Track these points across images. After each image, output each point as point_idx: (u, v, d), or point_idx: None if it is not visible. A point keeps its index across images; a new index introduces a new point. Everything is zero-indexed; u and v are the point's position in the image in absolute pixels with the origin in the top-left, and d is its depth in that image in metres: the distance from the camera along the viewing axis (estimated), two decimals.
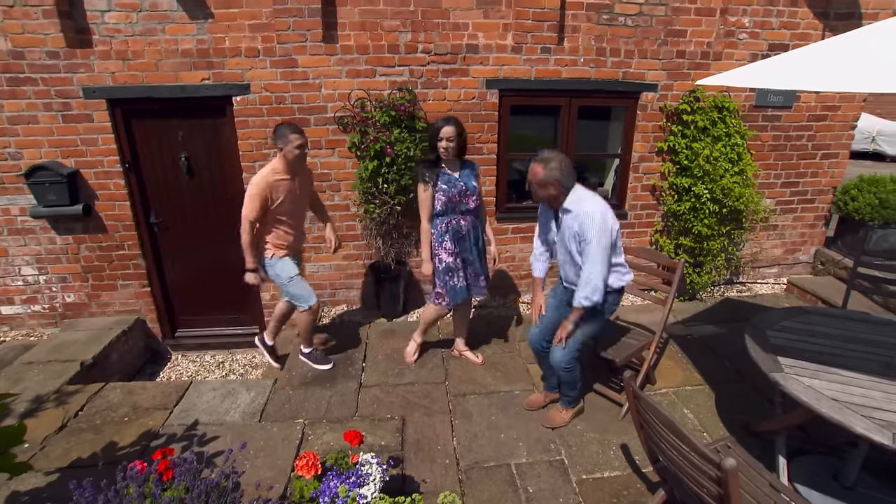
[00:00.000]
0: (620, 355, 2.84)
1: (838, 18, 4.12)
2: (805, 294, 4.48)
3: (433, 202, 2.99)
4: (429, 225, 3.05)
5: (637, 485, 2.48)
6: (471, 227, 3.11)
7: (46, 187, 3.70)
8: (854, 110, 4.44)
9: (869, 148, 11.08)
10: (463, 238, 3.09)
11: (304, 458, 1.99)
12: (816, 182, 4.63)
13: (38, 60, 3.57)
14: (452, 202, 2.99)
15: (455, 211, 3.03)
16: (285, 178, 3.05)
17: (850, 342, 2.42)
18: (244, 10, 3.67)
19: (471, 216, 3.10)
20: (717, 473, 1.47)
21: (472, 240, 3.14)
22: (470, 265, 3.16)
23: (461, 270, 3.13)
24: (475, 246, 3.16)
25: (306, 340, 3.47)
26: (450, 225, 3.05)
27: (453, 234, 3.05)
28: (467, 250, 3.13)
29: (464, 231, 3.08)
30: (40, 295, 4.18)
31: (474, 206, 3.09)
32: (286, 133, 2.96)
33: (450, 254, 3.07)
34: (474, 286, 3.23)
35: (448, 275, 3.11)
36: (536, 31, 3.86)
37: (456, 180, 3.00)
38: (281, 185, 3.03)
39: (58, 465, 2.58)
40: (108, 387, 3.30)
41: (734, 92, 4.16)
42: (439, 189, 2.97)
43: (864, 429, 1.82)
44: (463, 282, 3.15)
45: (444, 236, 3.05)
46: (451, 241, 3.06)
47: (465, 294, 3.18)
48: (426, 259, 3.10)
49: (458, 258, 3.09)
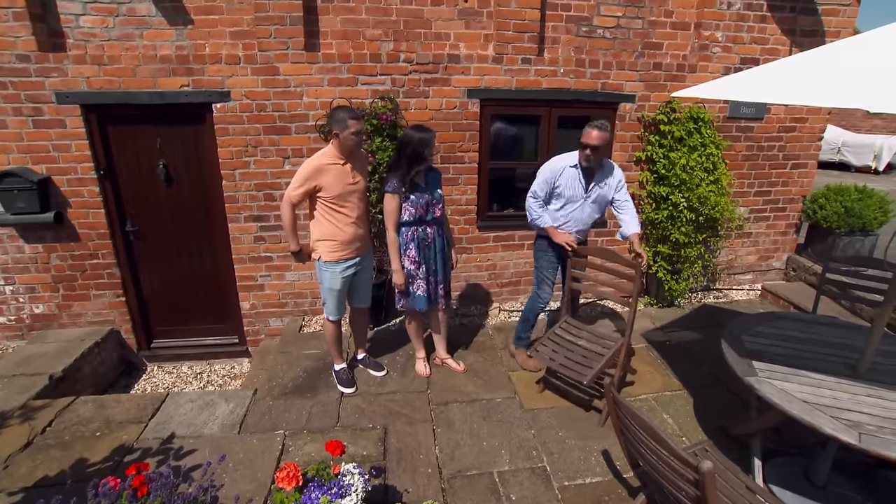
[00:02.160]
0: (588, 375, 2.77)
1: (804, 35, 4.31)
2: (778, 300, 4.61)
3: (400, 212, 2.96)
4: (395, 234, 3.01)
5: (618, 490, 2.51)
6: (436, 235, 3.09)
7: (15, 194, 3.59)
8: (821, 122, 4.62)
9: (835, 158, 11.53)
10: (428, 246, 3.08)
11: (284, 470, 1.96)
12: (787, 191, 4.80)
13: (7, 64, 3.47)
14: (419, 212, 2.97)
15: (422, 221, 3.01)
16: (337, 162, 2.84)
17: (820, 346, 2.51)
18: (225, 17, 3.64)
19: (436, 224, 3.09)
20: (695, 476, 1.50)
21: (437, 248, 3.12)
22: (433, 274, 3.14)
23: (422, 280, 3.11)
24: (439, 254, 3.14)
25: (333, 356, 3.33)
26: (416, 234, 3.02)
27: (419, 242, 3.04)
28: (431, 258, 3.11)
29: (429, 239, 3.07)
30: (6, 306, 4.03)
31: (440, 215, 3.09)
32: (344, 117, 2.74)
33: (412, 262, 3.05)
34: (434, 294, 3.19)
35: (409, 280, 3.10)
36: (517, 42, 3.93)
37: (424, 190, 2.99)
38: (332, 169, 2.82)
39: (22, 485, 2.47)
40: (78, 401, 3.19)
41: (708, 103, 4.30)
42: (409, 200, 2.95)
43: (832, 429, 1.88)
44: (424, 290, 3.12)
45: (408, 244, 3.03)
46: (416, 250, 3.04)
47: (424, 302, 3.15)
48: (396, 269, 3.04)
49: (420, 266, 3.08)
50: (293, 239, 2.96)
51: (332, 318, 3.16)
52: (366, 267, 3.20)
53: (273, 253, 4.15)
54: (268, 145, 3.89)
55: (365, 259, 3.16)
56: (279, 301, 4.31)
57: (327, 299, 3.10)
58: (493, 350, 3.78)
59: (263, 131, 3.85)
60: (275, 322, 4.36)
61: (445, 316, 3.40)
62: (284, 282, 4.25)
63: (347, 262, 3.01)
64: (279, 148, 3.90)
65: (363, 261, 3.14)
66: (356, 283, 3.19)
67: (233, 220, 4.03)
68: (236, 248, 4.11)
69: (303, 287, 4.29)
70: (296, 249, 3.00)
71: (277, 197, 4.00)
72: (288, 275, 4.23)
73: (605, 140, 2.90)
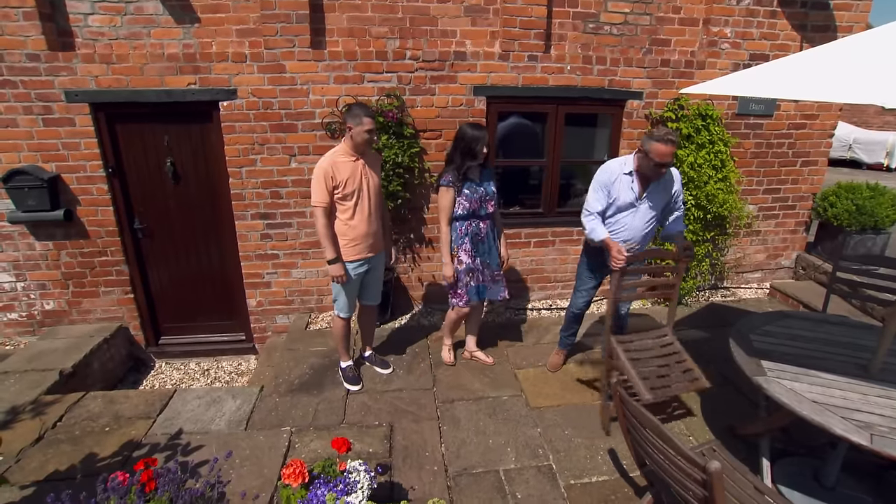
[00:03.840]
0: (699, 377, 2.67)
1: (815, 31, 4.25)
2: (787, 298, 4.57)
3: (454, 206, 3.04)
4: (448, 228, 3.09)
5: (624, 489, 2.50)
6: (489, 230, 3.16)
7: (25, 192, 3.62)
8: (832, 119, 4.56)
9: (846, 156, 11.39)
10: (482, 241, 3.15)
11: (290, 467, 1.97)
12: (797, 189, 4.74)
13: (17, 63, 3.51)
14: (473, 207, 3.04)
15: (475, 215, 3.08)
16: (350, 158, 2.85)
17: (830, 345, 2.48)
18: (231, 15, 3.65)
19: (489, 220, 3.15)
20: (703, 476, 1.48)
21: (490, 242, 3.19)
22: (487, 267, 3.21)
23: (480, 272, 3.18)
24: (492, 249, 3.21)
25: (340, 353, 3.36)
26: (469, 228, 3.10)
27: (472, 237, 3.11)
28: (485, 253, 3.18)
29: (482, 234, 3.14)
30: (17, 303, 4.08)
31: (493, 210, 3.14)
32: (360, 114, 2.76)
33: (469, 255, 3.13)
34: (492, 288, 3.26)
35: (469, 275, 3.16)
36: (523, 39, 3.91)
37: (478, 186, 3.06)
38: (345, 166, 2.83)
39: (34, 479, 2.50)
40: (88, 396, 3.23)
41: (717, 100, 4.25)
42: (462, 194, 3.02)
43: (842, 430, 1.86)
44: (477, 282, 3.20)
45: (463, 239, 3.11)
46: (471, 244, 3.12)
47: (483, 294, 3.24)
48: (446, 262, 3.12)
49: (476, 259, 3.15)
50: (330, 247, 2.88)
51: (342, 315, 3.17)
52: (378, 265, 3.20)
53: (279, 250, 4.17)
54: (274, 143, 3.90)
55: (378, 257, 3.16)
56: (286, 298, 4.33)
57: (338, 296, 3.10)
58: (499, 348, 3.77)
59: (270, 129, 3.86)
60: (281, 319, 4.38)
61: (483, 310, 3.42)
62: (291, 279, 4.27)
63: (361, 260, 3.02)
64: (285, 145, 3.91)
65: (376, 259, 3.14)
66: (367, 281, 3.19)
67: (240, 217, 4.05)
68: (243, 246, 4.13)
69: (309, 284, 4.30)
70: (332, 258, 2.90)
71: (284, 194, 4.01)
72: (294, 272, 4.25)
73: (673, 154, 2.68)
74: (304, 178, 3.97)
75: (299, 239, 4.14)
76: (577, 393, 3.23)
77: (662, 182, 2.82)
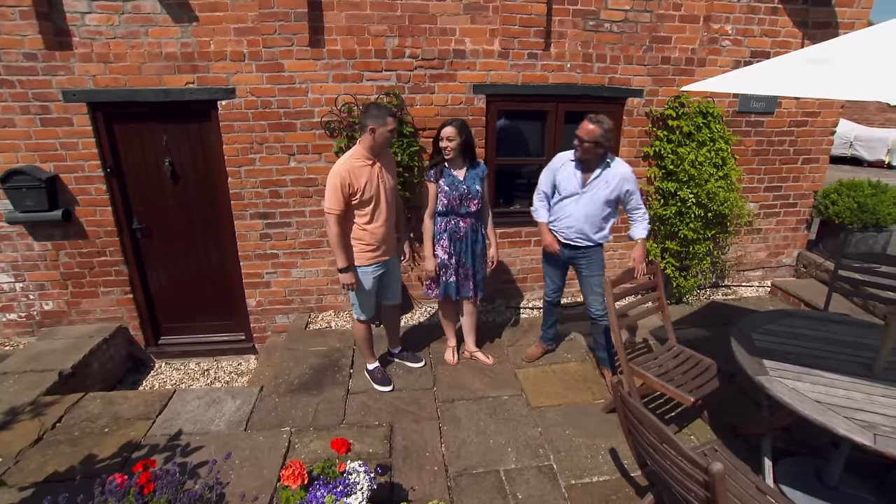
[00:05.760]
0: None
1: (816, 28, 4.22)
2: (788, 297, 4.55)
3: (436, 201, 3.08)
4: (430, 222, 3.13)
5: (626, 489, 2.48)
6: (469, 230, 3.14)
7: (23, 192, 3.61)
8: (833, 116, 4.54)
9: (847, 153, 11.36)
10: (460, 239, 3.14)
11: (290, 468, 1.96)
12: (798, 186, 4.72)
13: (14, 62, 3.49)
14: (452, 204, 3.05)
15: (454, 212, 3.08)
16: (367, 162, 2.79)
17: (832, 344, 2.46)
18: (229, 14, 3.63)
19: (471, 219, 3.13)
20: (705, 477, 1.47)
21: (469, 242, 3.17)
22: (462, 266, 3.21)
23: (452, 270, 3.19)
24: (471, 248, 3.19)
25: (365, 355, 3.33)
26: (448, 225, 3.11)
27: (451, 234, 3.12)
28: (462, 252, 3.17)
29: (461, 233, 3.13)
30: (16, 303, 4.07)
31: (475, 210, 3.12)
32: (383, 114, 2.70)
33: (445, 251, 3.15)
34: (463, 287, 3.25)
35: (442, 269, 3.18)
36: (523, 37, 3.89)
37: (459, 183, 3.05)
38: (363, 171, 2.76)
39: (33, 480, 2.50)
40: (87, 397, 3.22)
41: (718, 98, 4.23)
42: (441, 189, 3.04)
43: (845, 430, 1.84)
44: (453, 279, 3.21)
45: (441, 235, 3.14)
46: (448, 241, 3.13)
47: (452, 290, 3.24)
48: (427, 256, 3.14)
49: (452, 257, 3.16)
50: (342, 255, 2.84)
51: (361, 319, 3.15)
52: (394, 265, 3.17)
53: (279, 250, 4.16)
54: (273, 142, 3.88)
55: (392, 260, 3.14)
56: (285, 298, 4.31)
57: (356, 299, 3.08)
58: (499, 347, 3.76)
59: (269, 128, 3.84)
60: (281, 319, 4.37)
61: (474, 309, 3.46)
62: (290, 279, 4.25)
63: (378, 263, 3.01)
64: (284, 145, 3.90)
65: (392, 259, 3.12)
66: (386, 282, 3.18)
67: (239, 217, 4.03)
68: (242, 245, 4.12)
69: (309, 284, 4.29)
70: (344, 266, 2.87)
71: (283, 194, 4.00)
72: (294, 271, 4.23)
73: (595, 134, 2.79)
74: (303, 177, 3.95)
75: (299, 238, 4.13)
76: (579, 392, 3.22)
77: (604, 175, 2.93)
